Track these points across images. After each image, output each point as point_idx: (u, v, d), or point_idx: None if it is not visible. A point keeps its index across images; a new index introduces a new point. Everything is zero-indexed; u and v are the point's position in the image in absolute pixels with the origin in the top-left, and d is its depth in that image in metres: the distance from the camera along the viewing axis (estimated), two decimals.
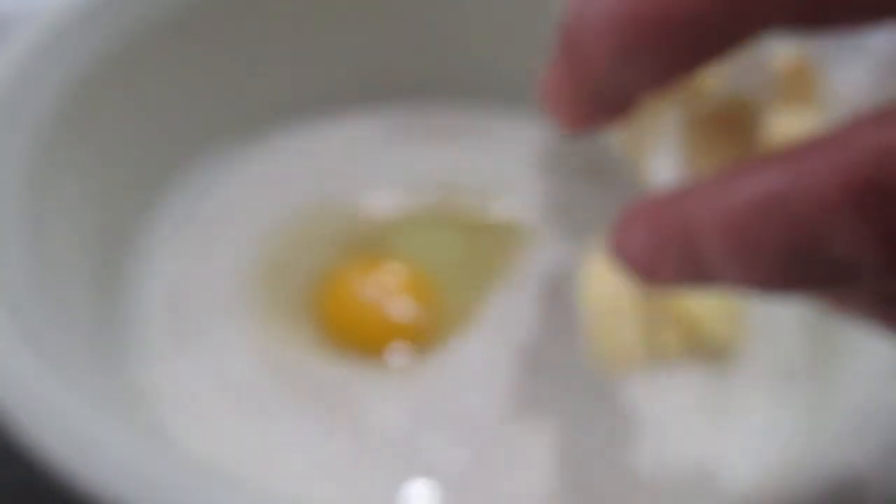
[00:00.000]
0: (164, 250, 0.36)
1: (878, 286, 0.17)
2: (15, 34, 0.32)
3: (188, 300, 0.34)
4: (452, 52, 0.40)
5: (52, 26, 0.33)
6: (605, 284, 0.29)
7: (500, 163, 0.39)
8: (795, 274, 0.17)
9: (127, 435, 0.24)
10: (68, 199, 0.32)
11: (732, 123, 0.22)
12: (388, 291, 0.34)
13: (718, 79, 0.22)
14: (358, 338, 0.34)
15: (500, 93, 0.41)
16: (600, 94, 0.20)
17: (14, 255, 0.28)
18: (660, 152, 0.21)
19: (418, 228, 0.37)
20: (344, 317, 0.34)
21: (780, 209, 0.16)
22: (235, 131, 0.39)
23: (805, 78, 0.24)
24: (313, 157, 0.39)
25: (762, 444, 0.31)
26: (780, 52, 0.24)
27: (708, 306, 0.32)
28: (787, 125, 0.22)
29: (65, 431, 0.24)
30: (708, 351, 0.33)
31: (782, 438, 0.31)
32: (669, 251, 0.18)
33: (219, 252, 0.36)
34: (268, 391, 0.32)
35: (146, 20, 0.35)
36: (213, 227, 0.37)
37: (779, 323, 0.34)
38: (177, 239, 0.36)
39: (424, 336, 0.34)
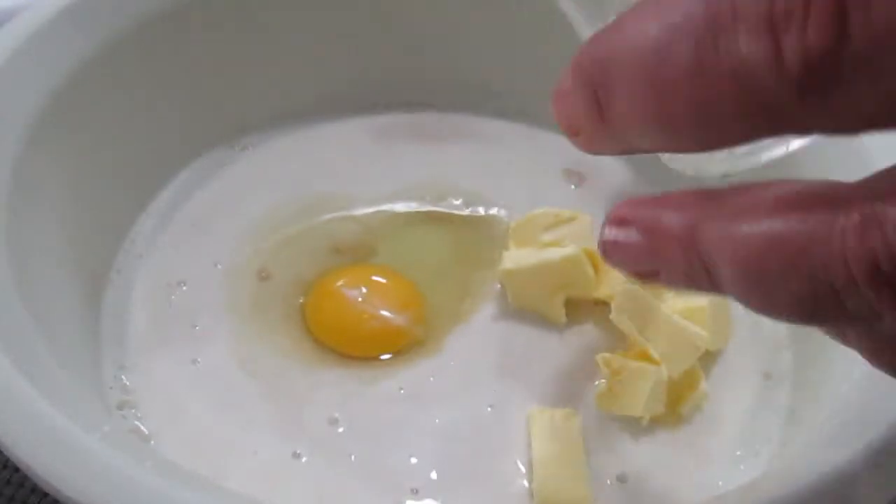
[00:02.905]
0: (151, 252, 0.36)
1: (888, 331, 0.17)
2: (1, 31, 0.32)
3: (174, 304, 0.34)
4: (442, 60, 0.41)
5: (42, 24, 0.32)
6: (551, 440, 0.30)
7: (488, 165, 0.39)
8: (807, 312, 0.16)
9: (108, 441, 0.24)
10: (54, 199, 0.32)
11: None
12: (376, 297, 0.34)
13: None
14: (346, 344, 0.33)
15: (487, 98, 0.41)
16: (619, 139, 0.18)
17: None
18: None
19: (407, 230, 0.37)
20: (332, 323, 0.34)
21: (800, 257, 0.16)
22: (226, 133, 0.39)
23: None
24: (304, 159, 0.39)
25: (746, 444, 0.32)
26: None
27: (693, 311, 0.33)
28: None
29: (45, 437, 0.24)
30: None
31: (766, 439, 0.32)
32: (672, 263, 0.18)
33: (207, 253, 0.36)
34: (250, 397, 0.32)
35: (140, 20, 0.35)
36: (202, 228, 0.37)
37: (762, 327, 0.35)
38: (164, 240, 0.36)
39: (413, 340, 0.34)
